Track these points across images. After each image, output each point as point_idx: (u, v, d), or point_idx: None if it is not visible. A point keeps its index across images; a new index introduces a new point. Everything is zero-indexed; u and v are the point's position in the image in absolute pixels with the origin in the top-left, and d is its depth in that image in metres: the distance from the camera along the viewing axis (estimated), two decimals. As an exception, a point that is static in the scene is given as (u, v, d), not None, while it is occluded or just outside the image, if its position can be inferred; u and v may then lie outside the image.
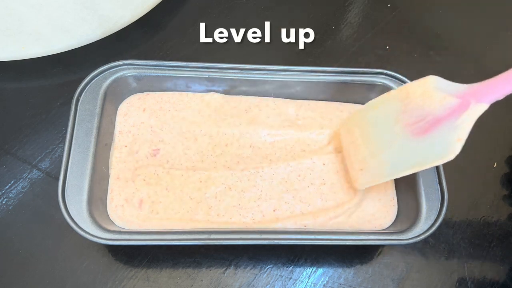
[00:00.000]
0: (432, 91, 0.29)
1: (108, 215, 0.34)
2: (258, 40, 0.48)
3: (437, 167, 0.36)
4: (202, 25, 0.48)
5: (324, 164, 0.37)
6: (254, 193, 0.36)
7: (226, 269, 0.36)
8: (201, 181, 0.36)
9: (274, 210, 0.35)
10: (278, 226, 0.35)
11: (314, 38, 0.49)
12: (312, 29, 0.50)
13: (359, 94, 0.41)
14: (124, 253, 0.35)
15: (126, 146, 0.37)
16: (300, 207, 0.35)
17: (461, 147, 0.28)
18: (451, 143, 0.28)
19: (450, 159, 0.29)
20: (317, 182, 0.37)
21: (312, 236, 0.33)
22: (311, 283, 0.36)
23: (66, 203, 0.32)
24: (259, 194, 0.36)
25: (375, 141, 0.34)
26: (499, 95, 0.27)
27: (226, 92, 0.40)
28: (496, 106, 0.47)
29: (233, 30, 0.48)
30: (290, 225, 0.35)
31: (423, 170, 0.35)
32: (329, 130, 0.39)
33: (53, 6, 0.42)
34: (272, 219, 0.35)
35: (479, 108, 0.28)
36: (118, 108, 0.38)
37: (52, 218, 0.36)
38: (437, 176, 0.35)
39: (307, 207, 0.35)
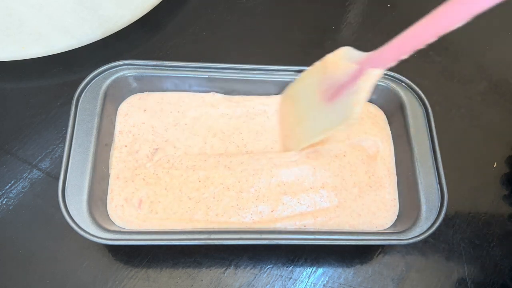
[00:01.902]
0: (339, 61, 0.31)
1: (108, 215, 0.34)
2: (258, 40, 0.48)
3: (437, 168, 0.36)
4: (202, 25, 0.48)
5: (324, 170, 0.37)
6: (252, 194, 0.35)
7: (226, 269, 0.36)
8: (199, 181, 0.36)
9: (272, 211, 0.35)
10: (278, 226, 0.35)
11: (314, 38, 0.49)
12: (312, 29, 0.50)
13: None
14: (124, 253, 0.35)
15: (126, 146, 0.37)
16: (299, 208, 0.35)
17: (359, 111, 0.30)
18: (350, 107, 0.30)
19: (352, 123, 0.30)
20: (317, 185, 0.36)
21: (312, 236, 0.33)
22: (311, 283, 0.36)
23: (66, 203, 0.32)
24: (257, 195, 0.35)
25: (301, 109, 0.36)
26: (390, 61, 0.28)
27: (226, 92, 0.40)
28: (496, 106, 0.47)
29: (233, 30, 0.48)
30: (289, 225, 0.35)
31: (423, 171, 0.36)
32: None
33: (53, 6, 0.42)
34: (272, 219, 0.35)
35: (373, 73, 0.29)
36: (118, 108, 0.39)
37: (52, 218, 0.36)
38: (437, 176, 0.35)
39: (306, 208, 0.35)
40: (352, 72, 0.30)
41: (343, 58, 0.31)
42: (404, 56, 0.27)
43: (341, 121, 0.31)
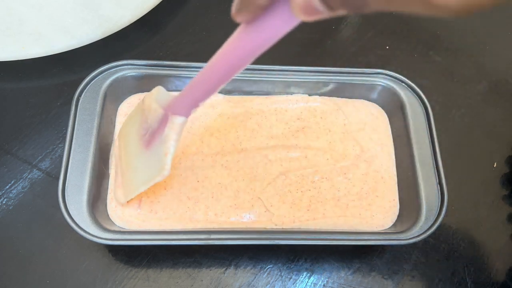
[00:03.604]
0: (152, 103, 0.29)
1: (108, 215, 0.34)
2: (258, 40, 0.48)
3: (437, 168, 0.36)
4: (202, 25, 0.48)
5: (317, 178, 0.37)
6: (250, 193, 0.36)
7: (226, 269, 0.36)
8: (198, 181, 0.36)
9: (265, 211, 0.35)
10: (278, 226, 0.35)
11: (314, 38, 0.49)
12: (312, 29, 0.50)
13: (359, 94, 0.41)
14: (124, 253, 0.35)
15: (126, 146, 0.37)
16: (297, 207, 0.35)
17: (169, 162, 0.27)
18: (162, 157, 0.28)
19: (165, 176, 0.28)
20: (314, 185, 0.36)
21: (312, 236, 0.33)
22: (311, 283, 0.36)
23: (66, 203, 0.32)
24: (255, 194, 0.36)
25: (128, 155, 0.33)
26: (188, 106, 0.26)
27: (226, 92, 0.40)
28: (496, 106, 0.47)
29: (233, 30, 0.48)
30: (289, 225, 0.35)
31: (423, 171, 0.36)
32: (329, 135, 0.39)
33: (53, 6, 0.42)
34: (271, 219, 0.35)
35: (176, 122, 0.27)
36: (118, 108, 0.39)
37: (52, 218, 0.36)
38: (437, 176, 0.35)
39: (304, 207, 0.35)
40: (160, 118, 0.28)
41: (155, 100, 0.29)
42: (200, 104, 0.25)
43: (157, 173, 0.29)
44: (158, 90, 0.30)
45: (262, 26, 0.20)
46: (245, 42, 0.22)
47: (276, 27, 0.20)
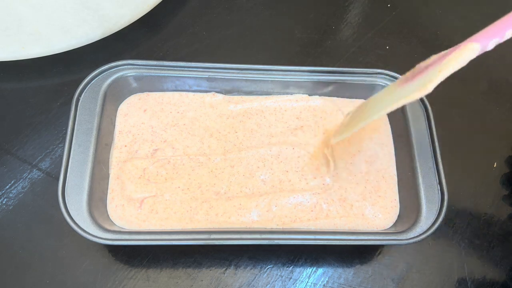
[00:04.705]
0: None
1: (108, 215, 0.34)
2: (258, 40, 0.48)
3: (437, 168, 0.36)
4: (202, 25, 0.48)
5: (315, 177, 0.37)
6: (251, 193, 0.35)
7: (226, 269, 0.36)
8: (198, 181, 0.36)
9: (271, 210, 0.35)
10: (278, 226, 0.35)
11: (314, 38, 0.49)
12: (312, 29, 0.50)
13: (359, 94, 0.41)
14: (124, 253, 0.36)
15: (125, 146, 0.37)
16: (298, 207, 0.35)
17: (440, 79, 0.26)
18: (432, 75, 0.26)
19: (428, 91, 0.26)
20: (314, 185, 0.36)
21: (312, 236, 0.33)
22: (311, 283, 0.36)
23: (66, 203, 0.32)
24: (256, 194, 0.35)
25: (371, 102, 0.33)
26: (490, 36, 0.26)
27: (226, 92, 0.40)
28: (496, 106, 0.47)
29: (233, 30, 0.48)
30: (289, 224, 0.35)
31: (423, 171, 0.36)
32: (326, 134, 0.39)
33: (53, 6, 0.42)
34: (271, 219, 0.35)
35: (471, 46, 0.26)
36: (118, 108, 0.39)
37: (52, 218, 0.36)
38: (437, 176, 0.35)
39: (304, 207, 0.35)
40: (444, 52, 0.27)
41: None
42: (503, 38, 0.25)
43: (416, 91, 0.26)
44: None
45: None
46: None
47: None
